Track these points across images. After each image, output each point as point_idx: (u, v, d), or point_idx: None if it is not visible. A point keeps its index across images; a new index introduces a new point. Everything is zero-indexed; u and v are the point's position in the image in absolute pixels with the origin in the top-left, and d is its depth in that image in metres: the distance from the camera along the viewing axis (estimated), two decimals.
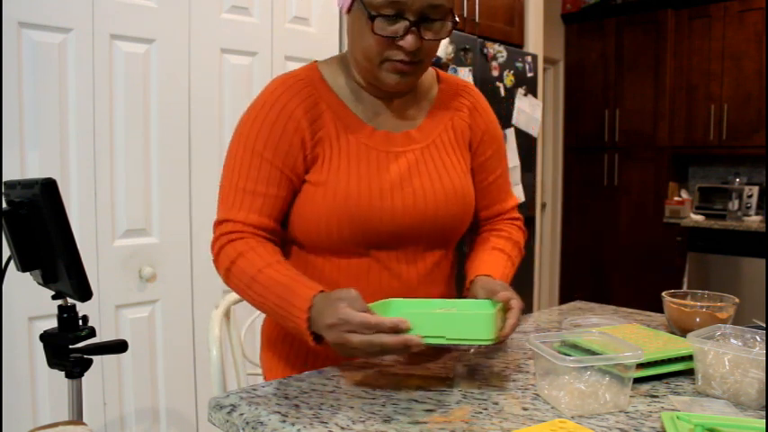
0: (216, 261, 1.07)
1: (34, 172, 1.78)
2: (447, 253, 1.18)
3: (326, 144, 1.07)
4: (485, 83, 3.09)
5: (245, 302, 1.34)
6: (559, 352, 0.92)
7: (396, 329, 0.83)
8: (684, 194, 4.69)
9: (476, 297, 1.04)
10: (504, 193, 1.25)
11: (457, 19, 1.05)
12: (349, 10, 1.04)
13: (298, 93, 1.07)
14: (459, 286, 1.19)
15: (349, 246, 1.07)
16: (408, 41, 0.99)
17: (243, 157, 1.05)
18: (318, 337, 0.93)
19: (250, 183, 1.04)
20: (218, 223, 1.07)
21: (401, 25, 0.99)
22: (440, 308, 1.00)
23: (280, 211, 1.07)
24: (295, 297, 0.93)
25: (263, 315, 1.20)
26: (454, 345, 0.89)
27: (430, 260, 1.13)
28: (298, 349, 1.15)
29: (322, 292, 0.93)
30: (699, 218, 4.37)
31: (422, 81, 1.16)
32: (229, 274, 1.03)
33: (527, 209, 3.45)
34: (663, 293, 1.20)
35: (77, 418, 1.43)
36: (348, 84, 1.11)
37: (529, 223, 3.50)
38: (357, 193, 1.04)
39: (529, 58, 3.37)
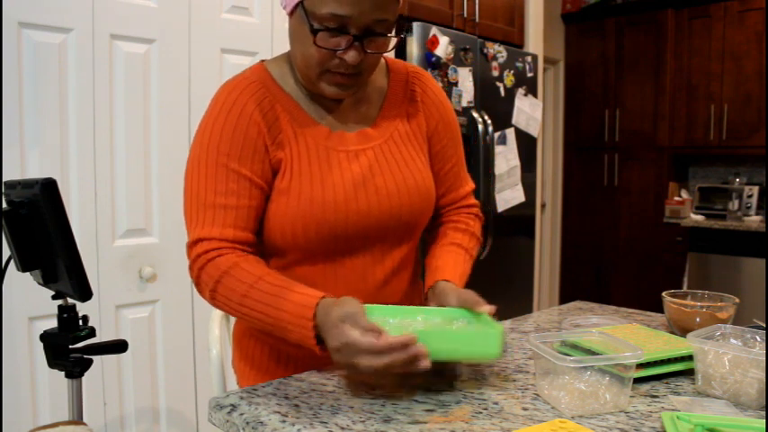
0: (197, 284, 1.01)
1: (34, 172, 1.78)
2: (411, 247, 1.17)
3: (287, 147, 1.04)
4: (485, 83, 3.09)
5: None
6: (559, 352, 0.92)
7: (405, 347, 0.81)
8: (684, 194, 4.69)
9: (444, 305, 1.02)
10: (459, 180, 1.23)
11: (402, 36, 1.03)
12: (292, 13, 1.01)
13: (252, 95, 1.03)
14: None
15: (316, 251, 1.05)
16: (350, 56, 0.97)
17: (207, 171, 1.00)
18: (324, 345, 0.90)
19: (219, 197, 0.99)
20: (191, 244, 1.00)
21: (343, 39, 0.96)
22: (420, 316, 1.00)
23: (254, 222, 1.03)
24: (296, 307, 0.90)
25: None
26: (463, 359, 0.90)
27: (397, 257, 1.13)
28: (269, 354, 1.14)
29: (324, 297, 0.90)
30: (699, 218, 4.37)
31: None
32: (216, 294, 0.98)
33: (527, 209, 3.45)
34: (663, 293, 1.20)
35: (77, 418, 1.43)
36: (297, 84, 1.08)
37: (529, 223, 3.54)
38: (321, 198, 1.02)
39: (529, 58, 3.37)
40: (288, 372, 1.11)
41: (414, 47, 2.70)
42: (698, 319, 1.13)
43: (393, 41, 1.01)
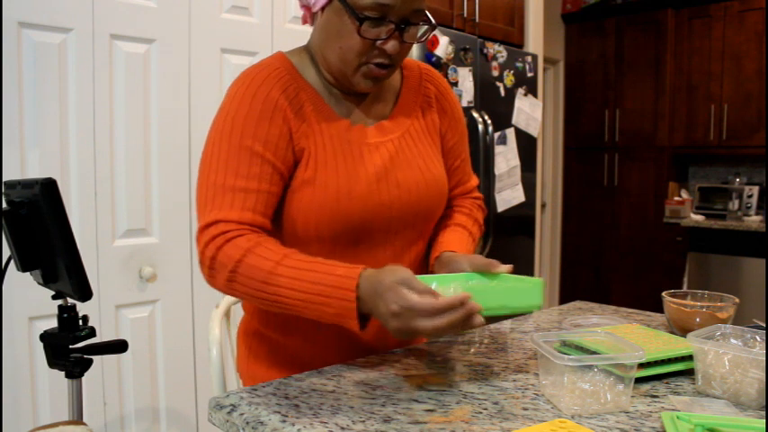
0: (211, 267, 0.95)
1: (34, 172, 1.78)
2: (425, 242, 1.18)
3: (310, 138, 1.03)
4: (485, 83, 3.09)
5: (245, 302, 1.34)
6: (562, 352, 0.92)
7: (462, 305, 0.83)
8: (684, 194, 4.69)
9: (456, 271, 1.01)
10: (467, 175, 1.27)
11: (434, 21, 1.04)
12: (323, 8, 1.01)
13: (278, 81, 1.02)
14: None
15: (338, 243, 1.05)
16: (391, 45, 0.98)
17: (229, 153, 0.98)
18: (363, 321, 0.90)
19: (240, 180, 0.97)
20: (206, 227, 0.96)
21: (384, 28, 0.97)
22: (457, 281, 0.99)
23: (272, 209, 1.01)
24: (336, 278, 0.88)
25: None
26: (509, 313, 0.94)
27: (414, 252, 1.14)
28: (278, 351, 1.14)
29: (366, 269, 0.89)
30: (699, 218, 4.37)
31: None
32: (235, 275, 0.93)
33: (527, 209, 3.45)
34: (663, 293, 1.20)
35: (77, 418, 1.43)
36: (318, 77, 1.08)
37: (529, 223, 3.53)
38: (347, 190, 1.02)
39: (529, 58, 3.37)
40: (297, 369, 1.10)
41: (413, 47, 2.70)
42: (698, 319, 1.13)
43: (427, 32, 1.03)
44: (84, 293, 1.28)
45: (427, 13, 1.02)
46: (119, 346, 1.43)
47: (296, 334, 1.12)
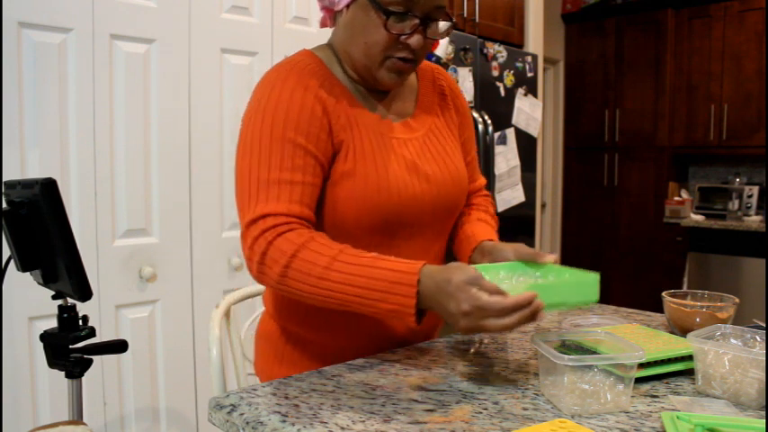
0: (261, 262, 0.95)
1: (34, 172, 1.78)
2: (447, 237, 1.21)
3: (347, 131, 1.04)
4: (485, 83, 3.09)
5: (245, 302, 1.34)
6: (561, 352, 0.92)
7: (529, 304, 0.85)
8: (684, 194, 4.69)
9: (500, 260, 1.06)
10: (476, 172, 1.31)
11: (454, 20, 1.06)
12: (348, 6, 1.03)
13: (314, 74, 1.04)
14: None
15: (374, 236, 1.05)
16: (415, 39, 1.01)
17: (271, 147, 0.98)
18: (419, 316, 0.91)
19: (285, 172, 0.97)
20: (252, 221, 0.96)
21: (409, 23, 1.00)
22: (511, 273, 1.04)
23: (316, 202, 1.01)
24: (395, 273, 0.90)
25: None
26: (566, 309, 0.98)
27: (439, 246, 1.17)
28: (300, 349, 1.14)
29: (426, 265, 0.91)
30: (699, 218, 4.37)
31: None
32: (289, 270, 0.93)
33: (527, 209, 3.45)
34: (663, 293, 1.20)
35: (77, 418, 1.43)
36: (345, 74, 1.10)
37: (529, 223, 3.53)
38: (386, 183, 1.03)
39: (529, 58, 3.37)
40: (323, 364, 1.10)
41: None
42: (698, 319, 1.13)
43: (448, 28, 1.06)
44: (84, 293, 1.28)
45: (448, 11, 1.04)
46: (119, 346, 1.43)
47: (323, 329, 1.11)
